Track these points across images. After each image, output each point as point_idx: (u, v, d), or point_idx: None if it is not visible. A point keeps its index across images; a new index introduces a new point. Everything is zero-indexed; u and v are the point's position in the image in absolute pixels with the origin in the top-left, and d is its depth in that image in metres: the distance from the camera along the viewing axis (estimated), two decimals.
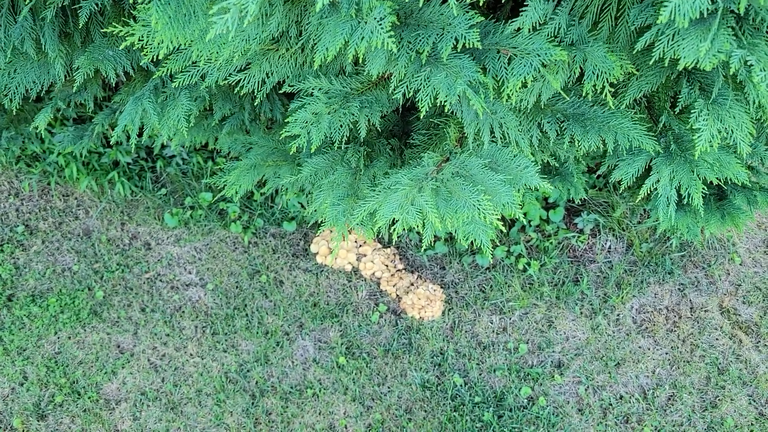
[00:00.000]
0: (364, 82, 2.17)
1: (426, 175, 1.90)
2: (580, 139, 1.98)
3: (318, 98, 1.98)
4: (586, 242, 4.30)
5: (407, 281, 4.13)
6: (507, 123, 1.87)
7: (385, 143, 2.37)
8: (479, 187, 1.83)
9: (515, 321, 3.98)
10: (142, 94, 2.30)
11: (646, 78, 1.86)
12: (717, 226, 3.26)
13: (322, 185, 2.33)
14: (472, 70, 1.65)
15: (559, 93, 2.02)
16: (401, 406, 3.69)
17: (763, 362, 3.83)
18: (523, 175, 1.90)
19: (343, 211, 2.18)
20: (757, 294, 4.10)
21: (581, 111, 2.00)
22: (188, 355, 3.90)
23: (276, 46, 1.98)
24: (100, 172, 4.63)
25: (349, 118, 2.01)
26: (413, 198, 1.80)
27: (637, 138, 1.95)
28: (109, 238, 4.42)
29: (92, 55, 2.23)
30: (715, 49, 1.34)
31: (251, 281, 4.20)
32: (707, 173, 2.05)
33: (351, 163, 2.25)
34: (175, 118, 2.26)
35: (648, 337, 3.91)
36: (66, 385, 3.78)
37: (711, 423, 3.61)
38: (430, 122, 2.29)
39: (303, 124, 1.94)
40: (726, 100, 1.74)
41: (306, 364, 3.86)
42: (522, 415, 3.62)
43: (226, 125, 2.87)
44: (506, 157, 1.94)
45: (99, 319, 4.05)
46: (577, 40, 1.74)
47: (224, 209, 4.51)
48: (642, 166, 2.16)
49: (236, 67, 2.03)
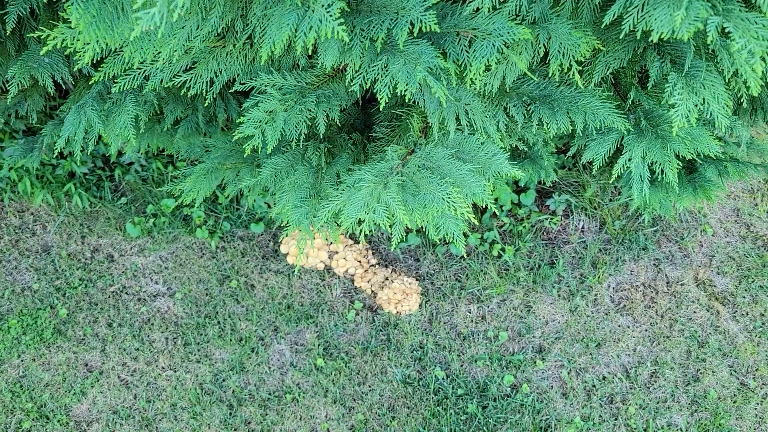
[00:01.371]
0: (320, 75, 2.06)
1: (391, 170, 1.80)
2: (548, 121, 1.90)
3: (272, 95, 1.87)
4: (559, 223, 4.25)
5: (382, 276, 4.04)
6: (472, 109, 1.78)
7: (347, 138, 2.26)
8: (447, 179, 1.74)
9: (493, 309, 3.92)
10: (84, 102, 2.16)
11: (613, 54, 1.78)
12: (690, 200, 3.22)
13: (284, 186, 2.22)
14: (431, 55, 1.55)
15: (523, 75, 1.93)
16: (383, 405, 3.60)
17: (741, 332, 3.82)
18: (493, 163, 1.81)
19: (307, 212, 2.07)
20: (731, 264, 4.09)
21: (548, 92, 1.92)
22: (160, 369, 3.76)
23: (222, 42, 1.86)
24: (56, 185, 4.45)
25: (306, 114, 1.90)
26: (379, 195, 1.70)
27: (607, 117, 1.87)
28: (70, 253, 4.26)
29: (26, 63, 2.08)
30: (691, 16, 1.26)
31: (221, 287, 4.07)
32: (680, 148, 1.99)
33: (312, 161, 2.15)
34: (122, 124, 2.13)
35: (627, 315, 3.88)
36: (33, 410, 3.63)
37: (695, 396, 3.60)
38: (392, 114, 2.19)
39: (257, 124, 1.83)
40: (699, 72, 1.67)
41: (283, 368, 3.75)
42: (506, 404, 3.56)
43: (180, 129, 2.73)
44: (473, 145, 1.86)
45: (64, 338, 3.89)
46: (540, 18, 1.65)
47: (188, 215, 4.37)
48: (613, 145, 2.10)
49: (181, 66, 1.91)
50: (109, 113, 2.16)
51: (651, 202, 3.38)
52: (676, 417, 3.54)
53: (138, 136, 2.15)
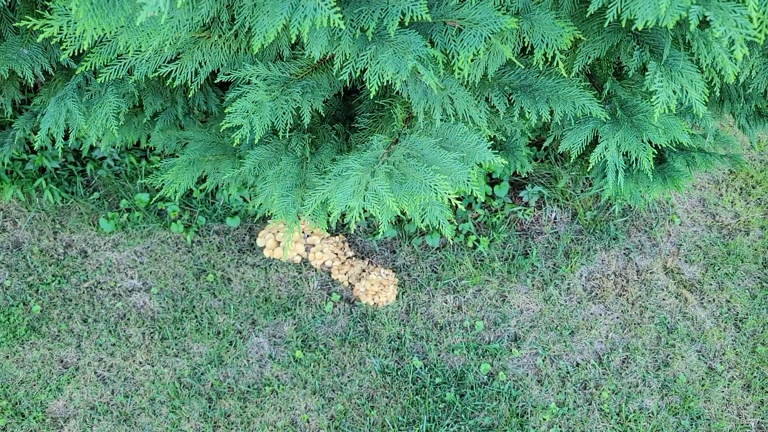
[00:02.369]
0: (304, 66, 2.08)
1: (377, 159, 1.83)
2: (529, 109, 1.95)
3: (257, 86, 1.89)
4: (533, 215, 4.33)
5: (359, 268, 4.07)
6: (458, 98, 1.82)
7: (330, 129, 2.28)
8: (434, 167, 1.77)
9: (469, 299, 3.98)
10: (64, 94, 2.14)
11: (593, 45, 1.84)
12: (659, 190, 3.32)
13: (267, 177, 2.23)
14: (420, 45, 1.59)
15: (504, 66, 1.98)
16: (362, 395, 3.64)
17: (708, 318, 3.95)
18: (476, 152, 1.86)
19: (293, 202, 2.09)
20: (698, 252, 4.21)
21: (528, 82, 1.97)
22: (137, 364, 3.74)
23: (207, 33, 1.87)
24: (26, 180, 4.38)
25: (292, 104, 1.92)
26: (367, 183, 1.73)
27: (587, 105, 1.93)
28: (42, 249, 4.20)
29: (5, 54, 2.06)
30: (675, 5, 1.31)
31: (198, 281, 4.06)
32: (655, 137, 2.06)
33: (296, 151, 2.17)
34: (103, 116, 2.12)
35: (599, 303, 3.97)
36: (8, 407, 3.58)
37: (665, 381, 3.70)
38: (375, 104, 2.22)
39: (244, 114, 1.85)
40: (677, 61, 1.74)
41: (262, 361, 3.76)
42: (483, 392, 3.63)
43: (158, 121, 2.73)
44: (457, 134, 1.90)
45: (38, 334, 3.84)
46: (523, 9, 1.69)
47: (163, 209, 4.34)
48: (590, 135, 2.16)
49: (166, 57, 1.91)
50: (89, 105, 2.15)
51: (623, 192, 3.47)
52: (647, 401, 3.64)
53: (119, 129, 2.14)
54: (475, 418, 3.56)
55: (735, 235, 4.32)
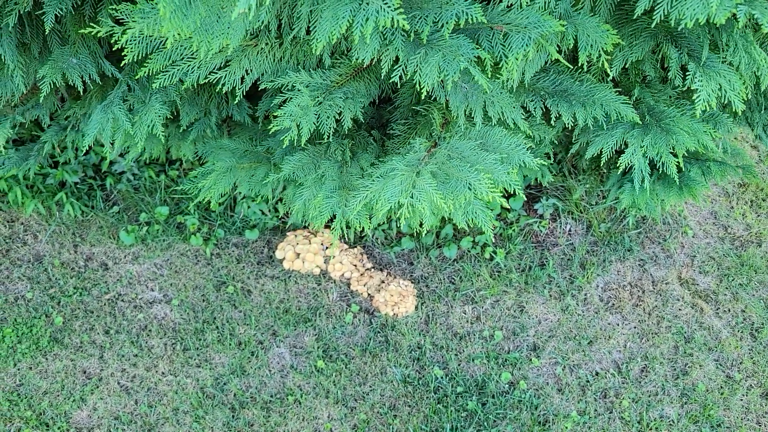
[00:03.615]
0: (343, 74, 2.15)
1: (419, 161, 1.90)
2: (566, 113, 2.02)
3: (301, 92, 1.95)
4: (548, 227, 4.39)
5: (377, 279, 4.12)
6: (500, 101, 1.89)
7: (367, 135, 2.35)
8: (477, 167, 1.84)
9: (488, 309, 4.03)
10: (111, 101, 2.21)
11: (630, 48, 1.91)
12: (676, 198, 3.38)
13: (305, 182, 2.29)
14: (470, 47, 1.66)
15: (539, 72, 2.05)
16: (385, 404, 3.67)
17: (724, 328, 3.99)
18: (516, 154, 1.92)
19: (337, 203, 2.15)
20: (712, 263, 4.27)
21: (563, 87, 2.04)
22: (160, 374, 3.77)
23: (255, 41, 1.94)
24: (47, 194, 4.44)
25: (335, 109, 1.99)
26: (413, 182, 1.79)
27: (622, 109, 2.00)
28: (63, 262, 4.25)
29: (56, 63, 2.13)
30: (725, 4, 1.39)
31: (218, 293, 4.10)
32: (685, 141, 2.13)
33: (336, 156, 2.23)
34: (149, 122, 2.18)
35: (616, 313, 4.02)
36: (32, 418, 3.60)
37: (684, 389, 3.74)
38: (411, 110, 2.29)
39: (292, 117, 1.91)
40: (714, 63, 1.81)
41: (284, 371, 3.79)
42: (505, 401, 3.66)
43: (192, 132, 2.79)
44: (497, 137, 1.96)
45: (61, 345, 3.87)
46: (564, 14, 1.77)
47: (182, 222, 4.40)
48: (619, 139, 2.23)
49: (216, 64, 1.98)
50: (134, 113, 2.22)
51: (639, 203, 3.54)
52: (667, 409, 3.67)
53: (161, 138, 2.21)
54: (497, 426, 3.58)
55: (747, 246, 4.38)
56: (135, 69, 2.38)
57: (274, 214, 4.43)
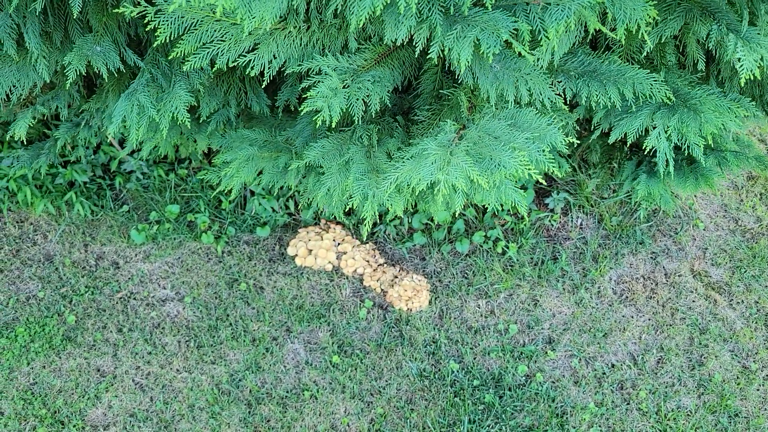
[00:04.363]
0: (368, 59, 2.15)
1: (450, 142, 1.89)
2: (597, 93, 2.02)
3: (329, 75, 1.95)
4: (559, 221, 4.39)
5: (390, 275, 4.11)
6: (533, 80, 1.89)
7: (392, 121, 2.35)
8: (512, 144, 1.84)
9: (501, 303, 4.02)
10: (135, 89, 2.20)
11: (664, 24, 1.92)
12: (692, 188, 3.39)
13: (329, 169, 2.28)
14: (508, 21, 1.66)
15: (566, 54, 2.05)
16: (401, 398, 3.65)
17: (738, 318, 3.99)
18: (547, 133, 1.92)
19: (368, 184, 2.14)
20: (724, 256, 4.27)
21: (592, 68, 2.05)
22: (175, 371, 3.75)
23: (283, 24, 1.94)
24: (56, 194, 4.42)
25: (364, 92, 1.98)
26: (448, 160, 1.79)
27: (655, 87, 2.00)
28: (74, 261, 4.23)
29: (81, 51, 2.13)
30: None
31: (230, 290, 4.08)
32: (713, 119, 2.13)
33: (363, 140, 2.22)
34: (173, 109, 2.18)
35: (630, 306, 4.02)
36: (47, 416, 3.57)
37: (700, 380, 3.73)
38: (434, 97, 2.29)
39: (324, 98, 1.91)
40: (753, 35, 1.82)
41: (299, 367, 3.77)
42: (522, 393, 3.65)
43: (211, 122, 2.79)
44: (527, 117, 1.96)
45: (74, 344, 3.85)
46: None
47: (193, 221, 4.38)
48: (645, 121, 2.23)
49: (244, 48, 1.98)
50: (159, 99, 2.21)
51: (654, 193, 3.54)
52: (684, 400, 3.66)
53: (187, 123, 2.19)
54: (515, 418, 3.57)
55: (758, 238, 4.38)
56: (157, 57, 2.38)
57: (285, 211, 4.42)
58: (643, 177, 3.40)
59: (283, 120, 2.90)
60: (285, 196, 4.37)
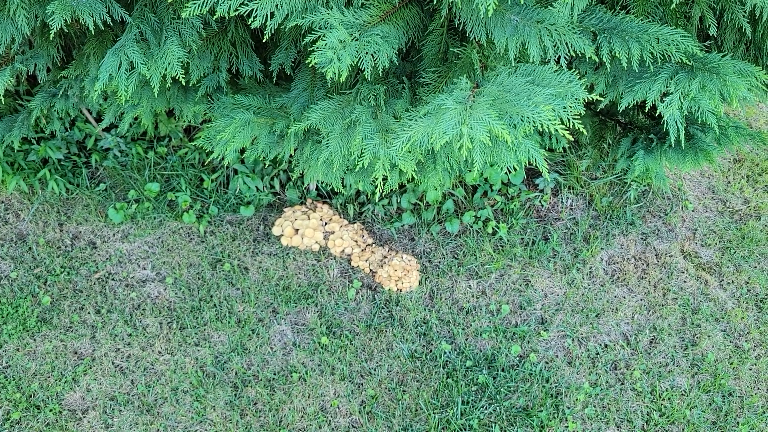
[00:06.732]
0: (373, 15, 2.04)
1: (466, 99, 1.79)
2: (620, 50, 1.93)
3: (336, 27, 1.84)
4: (549, 201, 4.32)
5: (379, 255, 4.01)
6: (557, 29, 1.79)
7: (397, 83, 2.24)
8: (536, 98, 1.74)
9: (493, 283, 3.94)
10: (122, 44, 2.05)
11: None
12: (691, 164, 3.33)
13: (330, 133, 2.16)
14: None
15: (584, 11, 1.96)
16: (393, 379, 3.55)
17: (729, 299, 3.97)
18: (569, 89, 1.83)
19: (378, 143, 2.03)
20: (713, 236, 4.25)
21: (612, 24, 1.96)
22: (157, 353, 3.60)
23: None
24: (29, 171, 4.23)
25: (373, 47, 1.87)
26: (469, 114, 1.69)
27: (683, 41, 1.92)
28: (48, 241, 4.04)
29: (65, 1, 1.97)
30: None
31: (214, 271, 3.94)
32: (736, 82, 2.06)
33: (369, 101, 2.11)
34: (166, 65, 2.04)
35: (622, 286, 3.97)
36: (22, 400, 3.40)
37: (693, 360, 3.70)
38: (440, 58, 2.18)
39: (333, 49, 1.79)
40: None
41: (286, 348, 3.65)
42: (515, 373, 3.57)
43: (200, 88, 2.65)
44: (546, 74, 1.87)
45: (49, 326, 3.68)
46: None
47: (173, 200, 4.23)
48: (664, 84, 2.15)
49: None
50: (149, 56, 2.07)
51: (651, 169, 3.48)
52: (678, 379, 3.63)
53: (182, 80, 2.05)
54: (509, 399, 3.50)
55: (747, 219, 4.37)
56: (146, 12, 2.23)
57: (270, 191, 4.28)
58: (640, 153, 3.34)
59: (273, 90, 2.77)
60: (270, 175, 4.23)
